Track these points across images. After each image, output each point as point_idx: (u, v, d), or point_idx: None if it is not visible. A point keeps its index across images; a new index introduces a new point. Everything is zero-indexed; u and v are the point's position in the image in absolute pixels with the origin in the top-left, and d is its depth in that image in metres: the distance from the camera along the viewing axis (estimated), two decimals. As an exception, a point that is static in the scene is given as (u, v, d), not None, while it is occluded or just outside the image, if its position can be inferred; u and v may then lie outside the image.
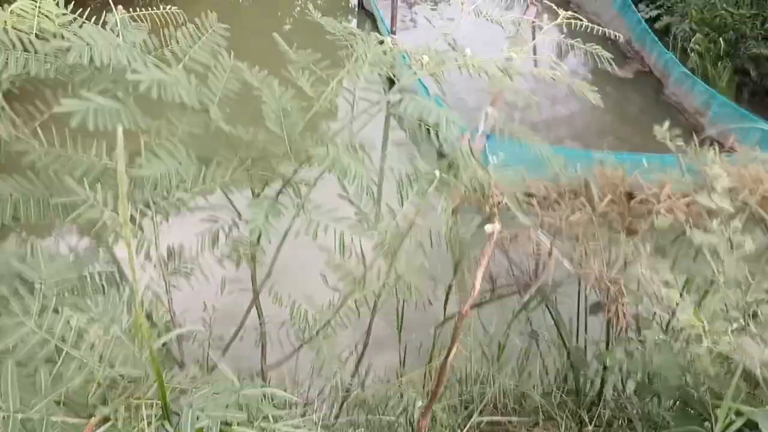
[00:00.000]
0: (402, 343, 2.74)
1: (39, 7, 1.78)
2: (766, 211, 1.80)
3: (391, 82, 1.81)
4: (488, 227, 0.99)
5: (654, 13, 7.41)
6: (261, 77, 1.97)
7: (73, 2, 1.83)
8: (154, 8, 1.94)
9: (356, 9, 8.13)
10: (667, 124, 1.90)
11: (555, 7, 1.89)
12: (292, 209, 1.74)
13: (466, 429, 1.85)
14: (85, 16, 1.79)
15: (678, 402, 1.83)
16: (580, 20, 1.86)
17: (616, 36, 2.19)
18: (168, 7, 1.97)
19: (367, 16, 7.69)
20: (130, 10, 1.89)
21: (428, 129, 1.64)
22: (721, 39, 6.12)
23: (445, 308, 2.21)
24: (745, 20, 6.10)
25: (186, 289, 1.75)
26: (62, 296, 1.39)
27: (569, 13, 1.85)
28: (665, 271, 1.81)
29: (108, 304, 1.46)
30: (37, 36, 1.74)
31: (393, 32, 6.08)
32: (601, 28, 2.09)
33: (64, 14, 1.84)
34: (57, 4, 1.87)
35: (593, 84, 1.95)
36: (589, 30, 2.01)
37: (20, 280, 1.56)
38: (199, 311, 1.83)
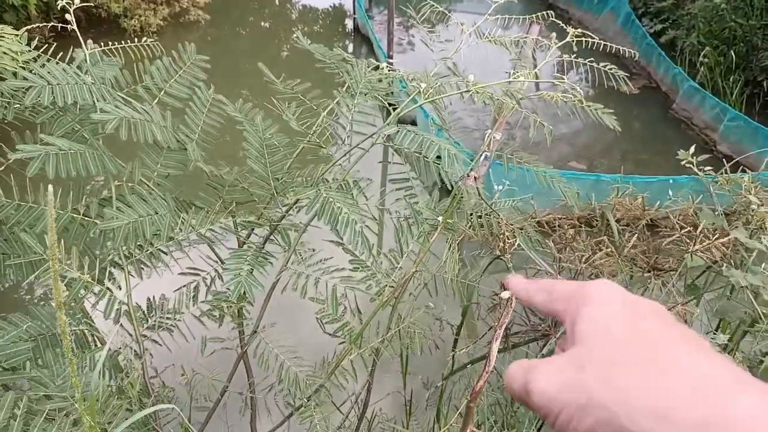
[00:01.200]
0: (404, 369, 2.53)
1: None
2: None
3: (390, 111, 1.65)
4: (504, 294, 0.81)
5: (659, 27, 7.29)
6: (245, 110, 1.82)
7: (36, 39, 1.69)
8: (129, 41, 1.79)
9: (352, 34, 8.06)
10: (693, 148, 1.71)
11: (563, 25, 1.73)
12: (281, 257, 1.57)
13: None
14: (50, 53, 1.65)
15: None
16: (591, 38, 1.69)
17: (622, 51, 2.04)
18: (144, 39, 1.82)
19: (363, 40, 7.61)
20: (109, 43, 1.74)
21: (428, 162, 1.47)
22: (732, 51, 5.97)
23: (453, 354, 2.01)
24: (756, 31, 5.95)
25: (163, 350, 1.57)
26: (13, 371, 1.21)
27: (579, 30, 1.69)
28: (695, 310, 1.62)
29: (69, 372, 1.28)
30: (-4, 77, 1.59)
31: (390, 56, 5.95)
32: (606, 44, 1.94)
33: (28, 51, 1.70)
34: (20, 41, 1.74)
35: (596, 100, 1.79)
36: (591, 47, 1.85)
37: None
38: (177, 370, 1.64)
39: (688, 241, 1.51)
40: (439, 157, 1.46)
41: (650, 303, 0.36)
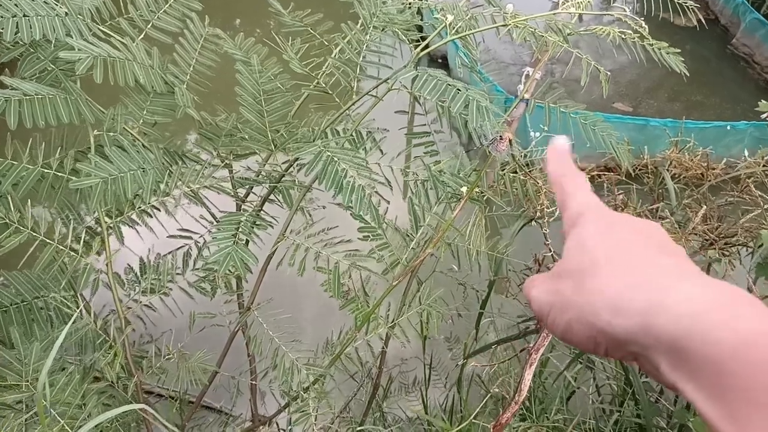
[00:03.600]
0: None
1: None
2: None
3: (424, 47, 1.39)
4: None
5: (721, -50, 6.54)
6: (246, 46, 1.57)
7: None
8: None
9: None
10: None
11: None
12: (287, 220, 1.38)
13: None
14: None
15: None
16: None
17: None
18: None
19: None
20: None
21: (453, 115, 1.22)
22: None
23: (477, 326, 1.82)
24: (834, -45, 5.26)
25: (157, 315, 1.42)
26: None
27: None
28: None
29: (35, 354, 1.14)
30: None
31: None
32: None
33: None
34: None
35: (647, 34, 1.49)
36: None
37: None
38: (174, 336, 1.49)
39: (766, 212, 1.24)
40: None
41: (632, 221, 0.40)
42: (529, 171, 1.36)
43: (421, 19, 1.60)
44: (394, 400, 2.23)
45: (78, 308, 1.38)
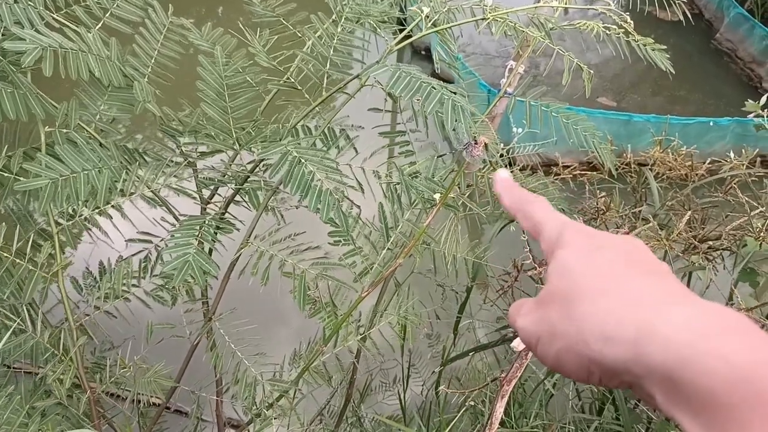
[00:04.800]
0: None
1: None
2: None
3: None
4: (515, 343, 0.55)
5: (705, -56, 6.52)
6: (214, 37, 1.49)
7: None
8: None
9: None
10: (765, 98, 1.36)
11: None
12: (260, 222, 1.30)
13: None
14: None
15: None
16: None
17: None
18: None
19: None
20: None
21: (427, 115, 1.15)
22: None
23: (455, 331, 1.77)
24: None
25: (117, 323, 1.33)
26: None
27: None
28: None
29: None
30: None
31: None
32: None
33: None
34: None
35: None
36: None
37: None
38: (135, 343, 1.40)
39: (750, 211, 1.20)
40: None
41: (615, 240, 0.39)
42: (511, 170, 1.29)
43: (401, 11, 1.52)
44: (373, 399, 2.17)
45: (22, 318, 1.29)
